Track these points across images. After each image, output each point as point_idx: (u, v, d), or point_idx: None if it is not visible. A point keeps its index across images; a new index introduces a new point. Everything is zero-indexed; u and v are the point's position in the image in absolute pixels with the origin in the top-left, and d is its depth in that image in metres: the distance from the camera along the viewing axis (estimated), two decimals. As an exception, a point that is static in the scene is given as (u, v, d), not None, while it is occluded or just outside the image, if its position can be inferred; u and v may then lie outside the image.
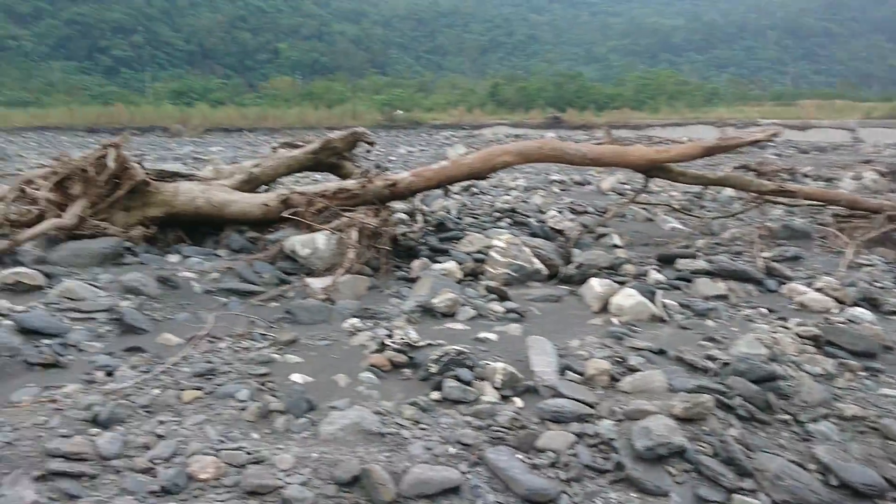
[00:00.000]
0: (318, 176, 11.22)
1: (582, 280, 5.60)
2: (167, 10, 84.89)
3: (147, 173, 6.50)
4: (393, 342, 3.95)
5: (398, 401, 3.42)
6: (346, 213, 6.09)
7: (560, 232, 7.60)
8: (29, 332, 4.21)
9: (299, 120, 36.02)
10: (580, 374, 3.70)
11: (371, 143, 7.55)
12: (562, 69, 64.99)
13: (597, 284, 5.23)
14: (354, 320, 4.59)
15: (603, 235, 7.42)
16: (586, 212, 9.38)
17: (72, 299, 4.78)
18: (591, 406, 3.35)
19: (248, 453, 2.84)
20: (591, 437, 3.13)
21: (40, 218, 6.10)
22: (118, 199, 6.19)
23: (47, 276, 5.22)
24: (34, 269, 5.25)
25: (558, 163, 7.73)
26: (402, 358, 3.85)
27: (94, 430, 2.99)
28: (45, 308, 4.60)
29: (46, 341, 4.16)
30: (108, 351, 4.18)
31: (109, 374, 3.69)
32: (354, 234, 5.83)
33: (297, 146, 8.05)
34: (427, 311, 4.80)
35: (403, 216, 7.58)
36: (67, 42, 72.38)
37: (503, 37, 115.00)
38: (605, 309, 5.03)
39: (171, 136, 30.85)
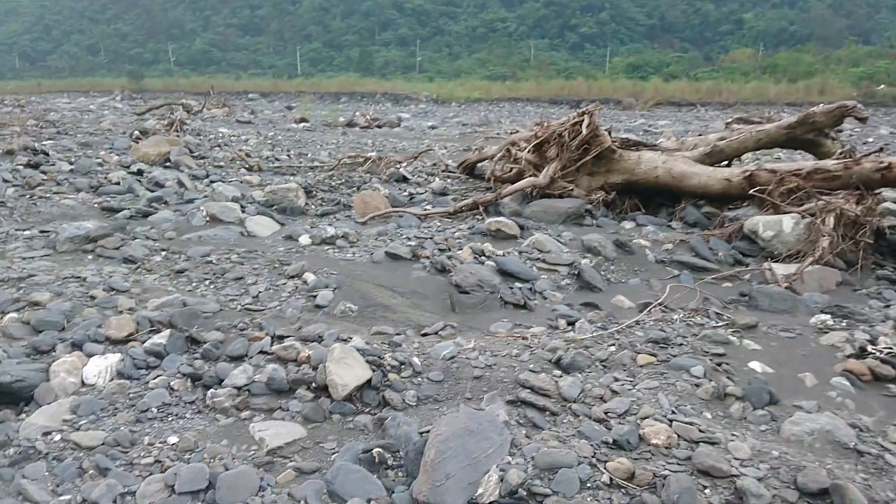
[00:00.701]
0: (781, 153, 10.28)
1: None
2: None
3: (613, 141, 6.77)
4: (877, 350, 3.37)
5: (880, 418, 2.92)
6: (823, 197, 5.40)
7: None
8: (505, 274, 4.81)
9: (756, 94, 33.54)
10: None
11: (863, 120, 6.52)
12: None
13: None
14: (825, 317, 4.07)
15: None
16: None
17: (540, 251, 5.29)
18: None
19: (701, 431, 2.73)
20: None
21: (519, 176, 6.89)
22: (585, 163, 6.60)
23: (521, 227, 5.89)
24: (511, 219, 5.96)
25: None
26: (887, 370, 3.27)
27: (557, 372, 3.24)
28: (518, 255, 5.19)
29: (518, 284, 4.70)
30: (567, 302, 4.52)
31: (570, 323, 3.98)
32: (830, 221, 5.14)
33: (752, 122, 7.48)
34: (924, 322, 3.98)
35: (893, 206, 6.41)
36: (543, 22, 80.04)
37: None
38: None
39: (622, 108, 31.85)
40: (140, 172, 8.32)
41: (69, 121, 14.44)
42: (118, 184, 7.58)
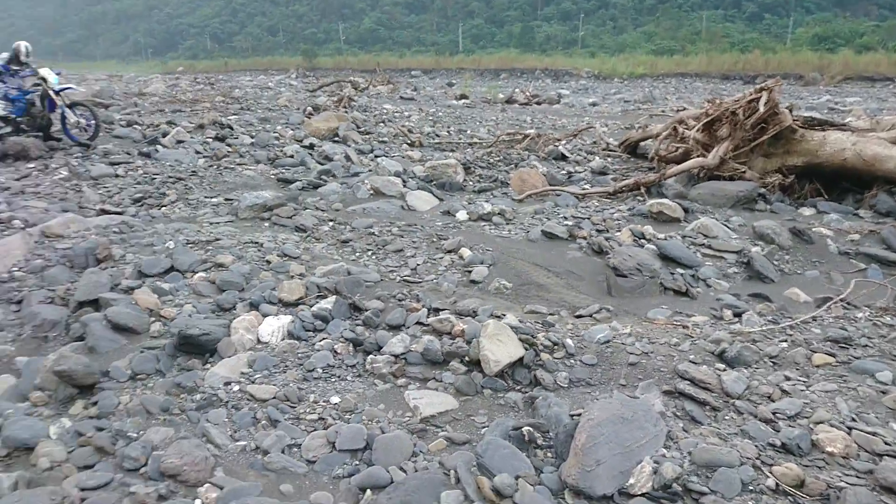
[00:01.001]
0: None
1: None
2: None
3: (794, 120, 6.22)
4: None
5: None
6: None
7: None
8: (666, 259, 4.61)
9: (970, 66, 29.33)
10: None
11: None
12: None
13: None
14: None
15: None
16: None
17: (705, 236, 5.00)
18: None
19: (887, 443, 2.47)
20: None
21: (685, 156, 6.53)
22: (761, 144, 6.12)
23: (685, 210, 5.59)
24: (675, 202, 5.68)
25: None
26: None
27: (720, 366, 3.07)
28: (681, 240, 4.94)
29: (680, 270, 4.49)
30: (733, 292, 4.25)
31: (737, 315, 3.74)
32: None
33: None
34: None
35: None
36: (721, -9, 74.88)
37: None
38: None
39: (804, 84, 29.19)
40: (311, 146, 8.85)
41: (251, 97, 15.62)
42: (292, 157, 8.11)
